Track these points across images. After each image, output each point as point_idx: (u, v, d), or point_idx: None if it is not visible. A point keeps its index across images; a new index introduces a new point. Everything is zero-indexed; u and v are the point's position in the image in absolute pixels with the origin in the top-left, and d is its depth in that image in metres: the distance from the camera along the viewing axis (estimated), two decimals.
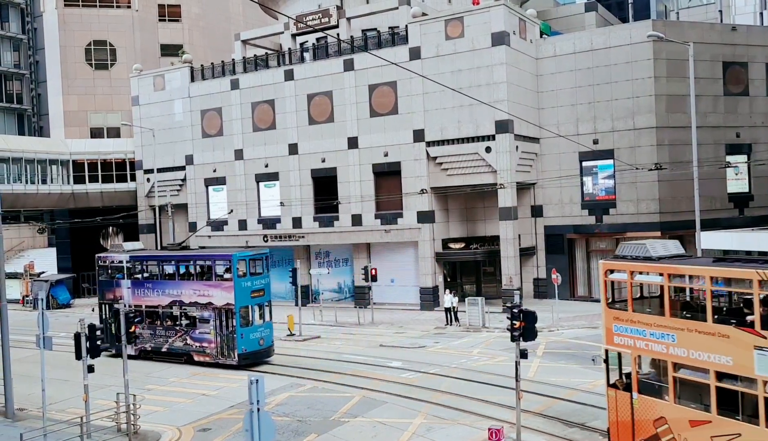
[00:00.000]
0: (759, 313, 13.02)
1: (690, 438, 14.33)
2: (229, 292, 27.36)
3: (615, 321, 16.16)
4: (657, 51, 37.63)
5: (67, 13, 61.15)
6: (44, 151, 53.64)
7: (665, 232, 38.14)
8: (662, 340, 14.97)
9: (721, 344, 13.70)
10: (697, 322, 14.41)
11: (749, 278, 13.38)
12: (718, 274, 14.24)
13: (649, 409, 15.26)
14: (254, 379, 11.82)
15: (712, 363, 13.88)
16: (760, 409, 12.86)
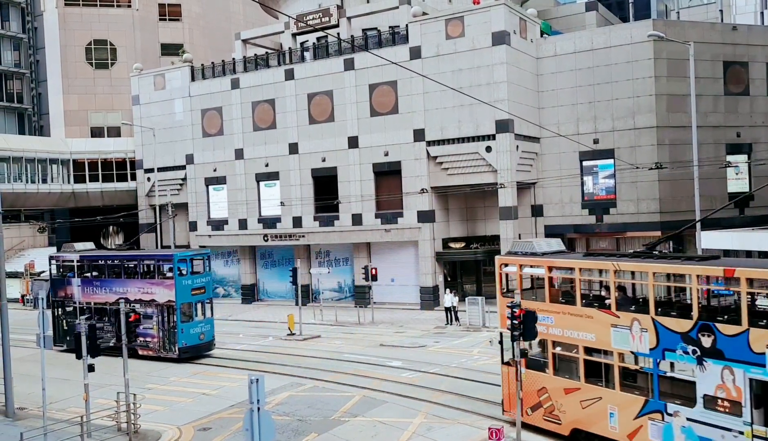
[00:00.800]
0: (614, 297, 16.04)
1: (564, 403, 17.22)
2: (171, 289, 29.06)
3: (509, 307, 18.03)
4: (657, 50, 37.61)
5: (67, 13, 61.16)
6: (45, 151, 53.66)
7: (665, 231, 38.14)
8: (543, 322, 17.43)
9: (587, 324, 16.48)
10: (569, 306, 17.12)
11: (607, 268, 16.37)
12: (585, 266, 17.22)
13: (533, 381, 17.95)
14: (254, 379, 11.83)
15: (581, 339, 16.71)
16: (616, 375, 15.87)
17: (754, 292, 13.94)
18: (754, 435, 13.22)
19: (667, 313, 15.19)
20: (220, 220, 48.82)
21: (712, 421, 14.05)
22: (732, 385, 13.76)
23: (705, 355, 14.20)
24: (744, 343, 13.51)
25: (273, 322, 38.93)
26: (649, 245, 17.77)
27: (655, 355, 15.13)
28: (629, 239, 39.72)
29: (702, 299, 14.85)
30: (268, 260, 48.52)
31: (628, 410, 15.63)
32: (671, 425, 14.83)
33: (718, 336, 13.98)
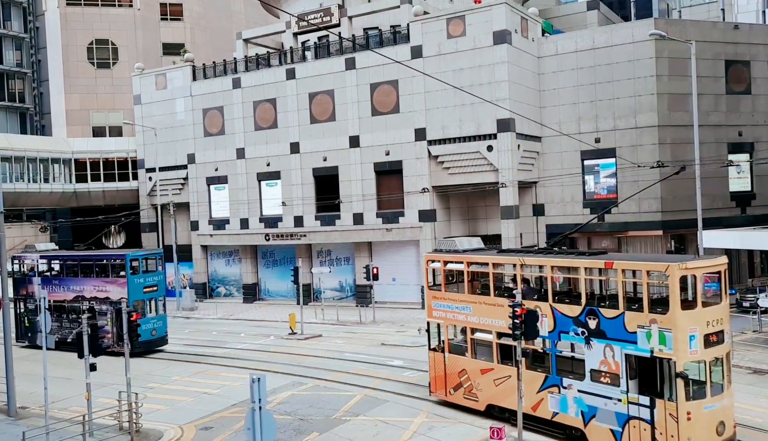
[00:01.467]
0: (520, 287, 18.28)
1: (481, 382, 19.59)
2: (123, 287, 30.82)
3: (433, 299, 21.11)
4: (659, 49, 37.58)
5: (69, 12, 61.20)
6: (46, 150, 53.71)
7: (667, 230, 38.13)
8: (464, 311, 20.00)
9: (500, 312, 18.41)
10: (485, 296, 19.43)
11: (514, 263, 18.69)
12: (496, 261, 19.57)
13: (455, 364, 20.28)
14: (256, 378, 11.85)
15: (494, 326, 18.96)
16: (521, 355, 17.46)
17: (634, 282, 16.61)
18: (629, 401, 15.74)
19: (562, 300, 17.64)
20: (222, 220, 48.84)
21: (597, 391, 16.57)
22: (612, 361, 16.25)
23: (591, 336, 16.65)
24: (621, 325, 15.95)
25: (274, 321, 38.95)
26: (551, 243, 19.80)
27: (552, 337, 17.59)
28: (631, 239, 39.70)
29: (589, 288, 17.21)
30: (270, 259, 48.55)
31: (531, 386, 17.93)
32: (566, 397, 17.31)
33: (601, 319, 16.44)
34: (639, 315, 15.71)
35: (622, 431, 15.99)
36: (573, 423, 17.21)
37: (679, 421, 15.01)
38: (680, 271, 15.28)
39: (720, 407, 15.57)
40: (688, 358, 15.14)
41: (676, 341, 15.10)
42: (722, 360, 15.82)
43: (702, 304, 15.58)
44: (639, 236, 39.31)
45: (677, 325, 15.14)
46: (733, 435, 15.94)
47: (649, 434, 15.51)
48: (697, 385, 15.39)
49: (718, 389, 15.65)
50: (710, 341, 15.42)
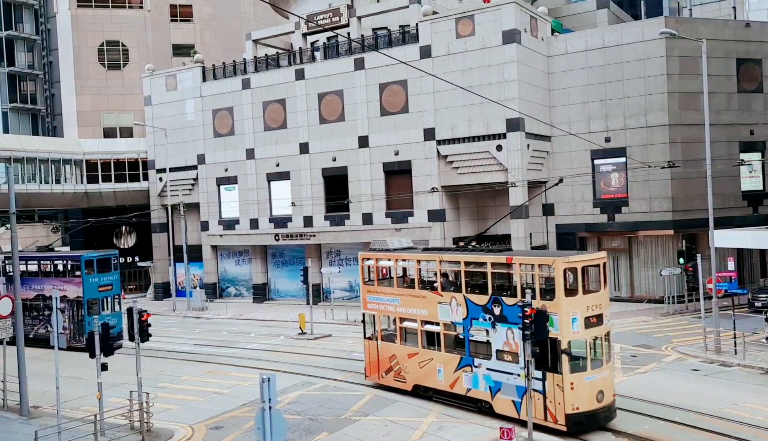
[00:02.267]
0: (440, 281, 21.05)
1: (408, 365, 22.07)
2: (79, 286, 33.03)
3: (368, 293, 23.62)
4: (670, 48, 37.38)
5: (80, 14, 61.59)
6: (58, 151, 54.07)
7: (678, 230, 37.92)
8: (393, 303, 22.59)
9: (423, 302, 21.40)
10: (411, 289, 21.99)
11: (435, 259, 21.28)
12: (421, 258, 21.90)
13: (387, 350, 22.80)
14: (266, 378, 11.88)
15: (419, 315, 21.64)
16: (442, 340, 20.89)
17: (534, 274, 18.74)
18: (526, 376, 17.52)
19: (473, 291, 19.98)
20: (232, 220, 49.00)
21: (501, 368, 19.10)
22: (513, 342, 18.67)
23: (496, 321, 19.20)
24: (519, 310, 17.35)
25: (284, 321, 39.04)
26: (466, 241, 22.97)
27: (466, 323, 20.15)
28: (642, 238, 39.52)
29: (497, 281, 19.57)
30: (279, 259, 48.66)
31: (449, 366, 20.67)
32: (477, 375, 19.89)
33: (503, 306, 18.99)
34: (534, 301, 17.72)
35: (522, 401, 18.37)
36: (483, 397, 19.81)
37: (564, 391, 17.62)
38: (563, 264, 17.97)
39: (599, 378, 18.07)
40: (571, 337, 17.71)
41: (561, 323, 17.60)
42: (601, 339, 18.38)
43: (582, 291, 18.09)
44: (650, 236, 39.13)
45: (561, 310, 17.65)
46: (611, 403, 18.43)
47: (542, 403, 18.08)
48: (579, 360, 17.89)
49: (597, 364, 18.17)
50: (590, 323, 18.00)
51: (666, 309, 35.54)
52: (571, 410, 17.62)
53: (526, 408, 17.48)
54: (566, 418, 17.66)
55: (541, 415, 18.09)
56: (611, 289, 40.69)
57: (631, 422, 18.78)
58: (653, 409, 19.87)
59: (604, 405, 18.08)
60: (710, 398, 20.87)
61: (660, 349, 27.59)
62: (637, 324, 33.19)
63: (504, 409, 19.08)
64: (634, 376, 23.83)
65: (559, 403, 17.73)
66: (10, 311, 22.16)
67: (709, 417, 19.00)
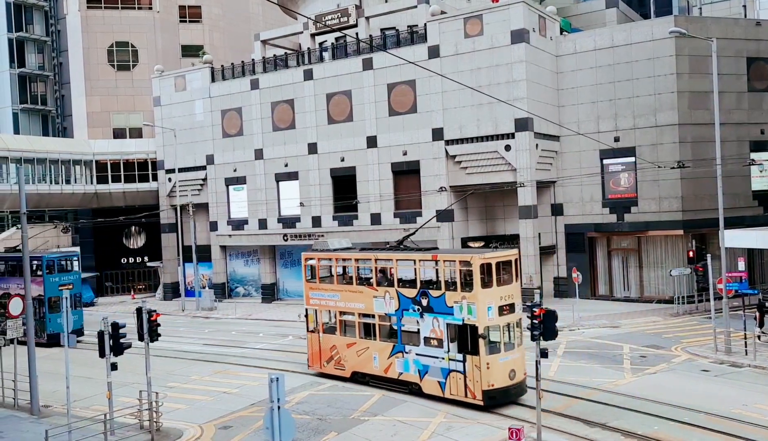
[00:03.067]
0: (375, 277, 23.38)
1: (347, 354, 24.25)
2: (41, 285, 34.61)
3: (310, 290, 25.60)
4: (679, 47, 37.18)
5: (89, 15, 61.91)
6: (68, 152, 54.38)
7: (688, 230, 37.71)
8: (334, 298, 24.73)
9: (360, 297, 23.66)
10: (350, 285, 24.15)
11: (370, 258, 23.88)
12: (358, 257, 24.43)
13: (328, 342, 24.92)
14: (275, 378, 11.91)
15: (357, 308, 23.90)
16: (377, 330, 23.24)
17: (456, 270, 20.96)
18: (449, 359, 20.77)
19: (404, 285, 22.38)
20: (241, 220, 49.13)
21: (429, 353, 21.55)
22: (438, 329, 21.27)
23: (424, 311, 21.66)
24: (443, 302, 21.00)
25: (293, 321, 39.07)
26: (398, 241, 25.28)
27: (398, 314, 22.50)
28: (651, 238, 39.32)
29: (423, 276, 21.98)
30: (288, 259, 48.74)
31: (384, 353, 22.96)
32: (408, 360, 22.29)
33: (430, 298, 21.48)
34: (455, 294, 20.71)
35: (446, 381, 21.06)
36: (413, 379, 22.19)
37: (481, 370, 20.17)
38: (480, 260, 20.31)
39: (512, 359, 20.67)
40: (487, 324, 20.21)
41: (478, 312, 20.16)
42: (513, 325, 20.93)
43: (497, 284, 20.47)
44: (659, 236, 38.93)
45: (478, 300, 20.21)
46: (522, 380, 21.03)
47: (462, 382, 20.59)
48: (494, 344, 20.43)
49: (510, 346, 20.76)
50: (504, 311, 20.56)
51: (676, 309, 35.36)
52: (487, 387, 20.19)
53: (449, 387, 20.88)
54: (483, 394, 20.23)
55: (462, 393, 20.69)
56: (621, 289, 40.59)
57: (640, 423, 18.70)
58: (663, 409, 19.78)
59: (516, 382, 20.74)
60: (720, 399, 20.75)
61: (670, 350, 27.46)
62: (647, 324, 33.04)
63: (431, 389, 21.55)
64: (643, 376, 23.74)
65: (477, 381, 20.29)
66: (21, 311, 22.30)
67: (719, 418, 18.89)
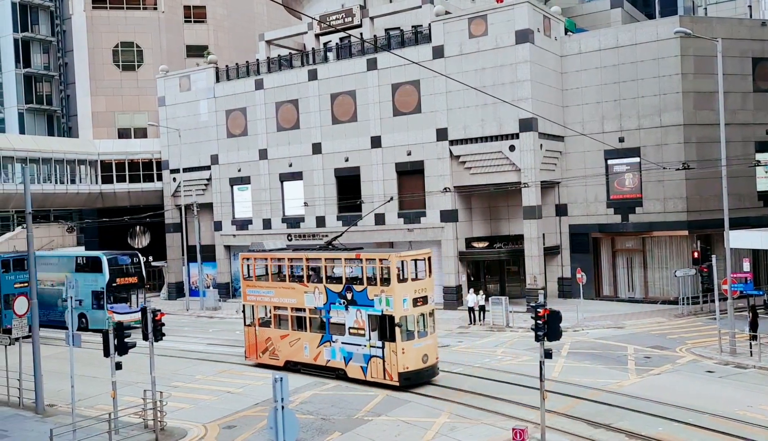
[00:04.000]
0: (306, 274, 25.85)
1: (281, 345, 26.60)
2: None
3: (247, 287, 27.83)
4: (684, 47, 37.10)
5: (95, 15, 62.10)
6: (73, 152, 54.54)
7: (693, 230, 37.63)
8: (269, 295, 27.09)
9: (293, 293, 26.11)
10: (283, 282, 26.56)
11: (303, 257, 26.22)
12: (291, 256, 26.84)
13: (264, 334, 27.13)
14: (278, 378, 11.93)
15: (290, 303, 26.31)
16: (308, 323, 25.76)
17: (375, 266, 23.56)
18: (370, 346, 23.46)
19: (332, 282, 24.91)
20: (245, 220, 49.19)
21: (353, 341, 24.12)
22: (361, 320, 23.85)
23: (349, 304, 24.15)
24: (365, 295, 23.58)
25: None
26: (326, 242, 28.01)
27: (326, 307, 24.96)
28: (656, 239, 39.24)
29: (349, 272, 24.53)
30: None
31: (314, 343, 25.46)
32: (335, 348, 24.77)
33: (354, 292, 23.99)
34: (375, 288, 23.32)
35: (367, 366, 23.68)
36: (339, 365, 24.68)
37: (397, 355, 22.83)
38: (397, 258, 23.11)
39: (425, 345, 23.36)
40: (402, 314, 22.87)
41: (394, 303, 22.76)
42: (426, 315, 23.60)
43: (411, 279, 23.26)
44: (664, 236, 38.85)
45: (395, 293, 22.80)
46: (434, 364, 23.85)
47: (381, 366, 23.24)
48: (408, 331, 23.03)
49: (423, 334, 23.44)
50: (417, 303, 23.28)
51: (680, 310, 35.28)
52: (402, 369, 22.80)
53: (370, 371, 23.58)
54: (399, 375, 22.86)
55: (381, 375, 23.30)
56: (625, 290, 40.51)
57: (644, 424, 18.67)
58: (667, 410, 19.73)
59: (428, 365, 23.45)
60: (725, 400, 20.69)
61: (674, 351, 27.40)
62: (651, 325, 32.97)
63: (354, 374, 24.10)
64: (647, 377, 23.69)
65: (394, 365, 22.92)
66: (26, 310, 22.38)
67: (723, 419, 18.84)
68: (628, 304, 38.83)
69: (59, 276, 38.86)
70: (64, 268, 40.16)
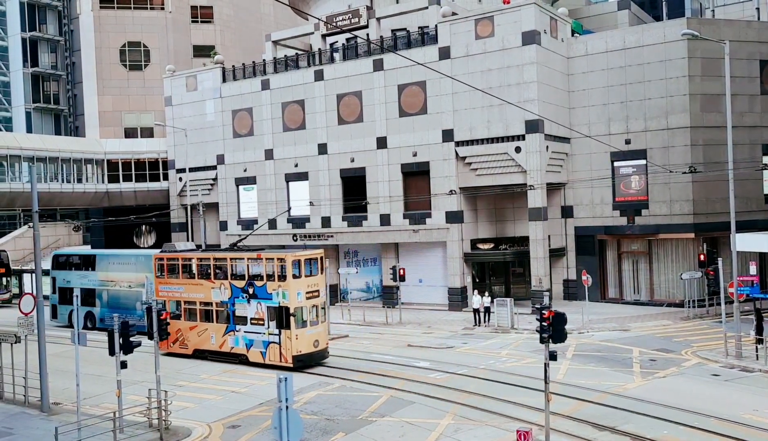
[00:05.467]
0: (213, 272, 28.85)
1: (190, 336, 29.42)
2: None
3: (160, 284, 30.58)
4: (692, 49, 36.99)
5: (102, 15, 62.34)
6: (80, 151, 54.77)
7: (699, 233, 37.50)
8: (179, 290, 29.97)
9: (201, 288, 29.11)
10: (192, 279, 29.61)
11: (210, 257, 29.37)
12: (199, 256, 29.92)
13: (175, 326, 28.94)
14: (283, 377, 11.94)
15: (198, 297, 29.28)
16: (214, 315, 28.67)
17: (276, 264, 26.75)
18: (269, 333, 26.75)
19: (236, 278, 27.94)
20: (250, 220, 49.28)
21: (254, 330, 27.16)
22: (261, 311, 27.02)
23: (251, 298, 27.26)
24: (265, 290, 26.85)
25: None
26: (232, 244, 31.69)
27: (231, 301, 27.94)
28: (662, 241, 39.12)
29: (252, 270, 27.55)
30: None
31: (219, 333, 28.28)
32: (238, 337, 27.79)
33: (255, 287, 27.13)
34: (273, 283, 26.55)
35: (266, 351, 26.92)
36: (242, 352, 27.67)
37: (292, 341, 26.18)
38: (292, 258, 26.41)
39: (316, 332, 26.86)
40: (296, 305, 26.22)
41: (289, 297, 26.14)
42: (318, 306, 27.10)
43: (305, 275, 26.68)
44: (670, 239, 38.73)
45: (290, 288, 26.13)
46: (324, 348, 27.31)
47: (278, 350, 26.55)
48: (302, 320, 26.37)
49: (315, 323, 26.88)
50: (310, 296, 26.63)
51: (686, 313, 35.15)
52: (296, 353, 26.17)
53: (269, 355, 26.83)
54: (293, 358, 26.21)
55: (277, 359, 26.55)
56: (631, 292, 40.40)
57: (649, 427, 18.60)
58: (672, 413, 19.66)
59: (319, 349, 26.94)
60: (731, 403, 20.60)
61: (680, 354, 27.30)
62: (657, 328, 32.85)
63: (255, 358, 27.22)
64: (653, 380, 23.61)
65: (289, 349, 26.23)
66: (32, 308, 22.46)
67: (729, 422, 18.76)
68: (634, 307, 38.72)
69: (137, 277, 35.08)
70: (143, 269, 34.59)
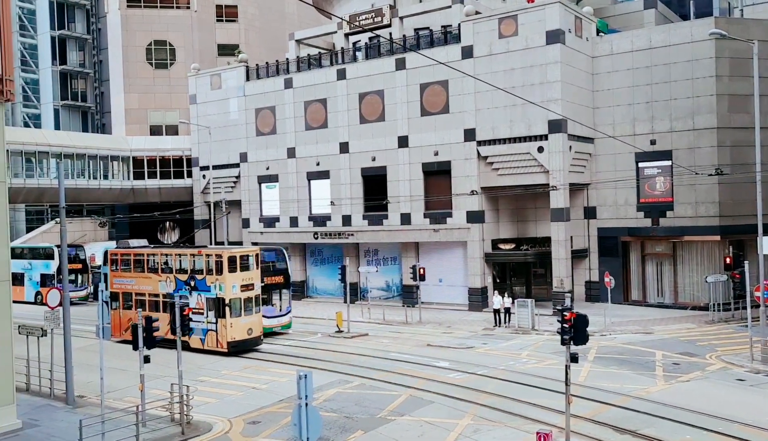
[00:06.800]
0: (160, 267, 32.01)
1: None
2: None
3: (114, 277, 34.05)
4: (719, 49, 36.44)
5: (129, 14, 63.12)
6: (106, 148, 55.52)
7: (725, 235, 36.94)
8: (131, 283, 33.31)
9: (150, 281, 32.40)
10: (142, 273, 32.84)
11: (158, 253, 32.78)
12: (148, 252, 33.47)
13: (126, 315, 32.78)
14: (303, 375, 12.03)
15: (147, 290, 32.48)
16: (160, 305, 31.42)
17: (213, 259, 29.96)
18: (208, 322, 29.64)
19: (180, 272, 31.07)
20: (272, 218, 49.61)
21: (195, 319, 27.74)
22: (201, 302, 29.90)
23: (192, 290, 30.08)
24: (204, 283, 29.84)
25: (321, 318, 39.35)
26: (178, 240, 36.25)
27: (175, 292, 29.48)
28: (686, 243, 38.60)
29: (195, 265, 30.68)
30: (318, 258, 49.06)
31: (165, 321, 27.43)
32: None
33: (196, 281, 30.12)
34: (212, 277, 29.56)
35: (205, 337, 29.79)
36: (183, 339, 27.52)
37: (227, 329, 29.10)
38: (228, 254, 29.52)
39: (250, 321, 29.77)
40: (232, 297, 29.18)
41: (225, 289, 29.11)
42: (252, 298, 29.98)
43: (239, 270, 29.44)
44: (695, 241, 38.21)
45: (226, 281, 29.14)
46: (258, 336, 30.35)
47: (215, 337, 29.43)
48: (237, 310, 29.31)
49: (249, 312, 29.80)
50: (244, 289, 29.61)
51: (711, 317, 34.66)
52: (231, 339, 29.10)
53: (207, 341, 29.71)
54: (228, 344, 29.13)
55: (215, 345, 29.47)
56: (654, 295, 39.93)
57: (672, 431, 18.39)
58: (695, 418, 19.41)
59: (253, 337, 29.91)
60: (755, 409, 20.28)
61: (704, 358, 26.93)
62: (680, 331, 32.45)
63: (195, 344, 29.80)
64: (676, 384, 23.33)
65: (224, 336, 29.16)
66: (58, 302, 22.85)
67: (754, 428, 18.47)
68: (657, 310, 38.29)
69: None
70: None
